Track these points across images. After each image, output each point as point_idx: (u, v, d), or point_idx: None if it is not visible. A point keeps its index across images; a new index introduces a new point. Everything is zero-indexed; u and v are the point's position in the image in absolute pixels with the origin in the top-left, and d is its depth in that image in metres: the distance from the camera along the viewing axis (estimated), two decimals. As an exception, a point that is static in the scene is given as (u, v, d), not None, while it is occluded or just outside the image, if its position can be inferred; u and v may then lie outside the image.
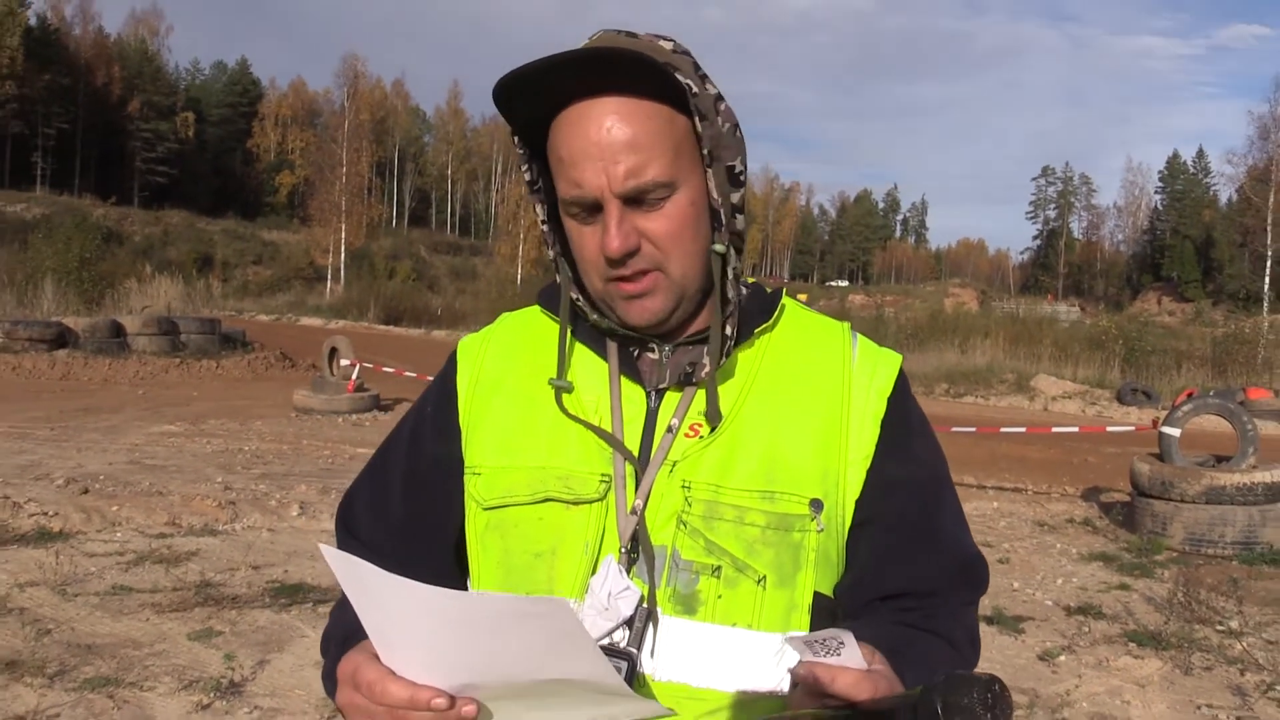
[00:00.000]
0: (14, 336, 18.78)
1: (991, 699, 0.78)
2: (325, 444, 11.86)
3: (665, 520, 1.14)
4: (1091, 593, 7.01)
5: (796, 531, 1.15)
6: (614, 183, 1.10)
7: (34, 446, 10.50)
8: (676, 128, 1.13)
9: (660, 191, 1.12)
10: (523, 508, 1.19)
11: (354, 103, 62.65)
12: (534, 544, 1.17)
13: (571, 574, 1.15)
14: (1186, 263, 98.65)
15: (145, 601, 5.82)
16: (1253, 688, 5.25)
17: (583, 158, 1.10)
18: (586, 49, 1.09)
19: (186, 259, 52.78)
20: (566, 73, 1.09)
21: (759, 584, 1.13)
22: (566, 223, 1.18)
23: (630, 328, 1.19)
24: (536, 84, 1.10)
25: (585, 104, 1.11)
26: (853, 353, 1.25)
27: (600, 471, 1.17)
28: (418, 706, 0.96)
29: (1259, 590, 7.07)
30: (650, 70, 1.08)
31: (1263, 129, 48.52)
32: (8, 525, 7.15)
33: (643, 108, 1.11)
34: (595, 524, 1.16)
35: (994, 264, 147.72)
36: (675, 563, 1.13)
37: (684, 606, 1.12)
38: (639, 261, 1.13)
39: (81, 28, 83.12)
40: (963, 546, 1.25)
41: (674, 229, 1.14)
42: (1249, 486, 8.22)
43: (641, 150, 1.10)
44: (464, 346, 1.34)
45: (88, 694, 4.48)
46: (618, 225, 1.11)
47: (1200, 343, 28.70)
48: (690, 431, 1.18)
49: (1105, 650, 5.80)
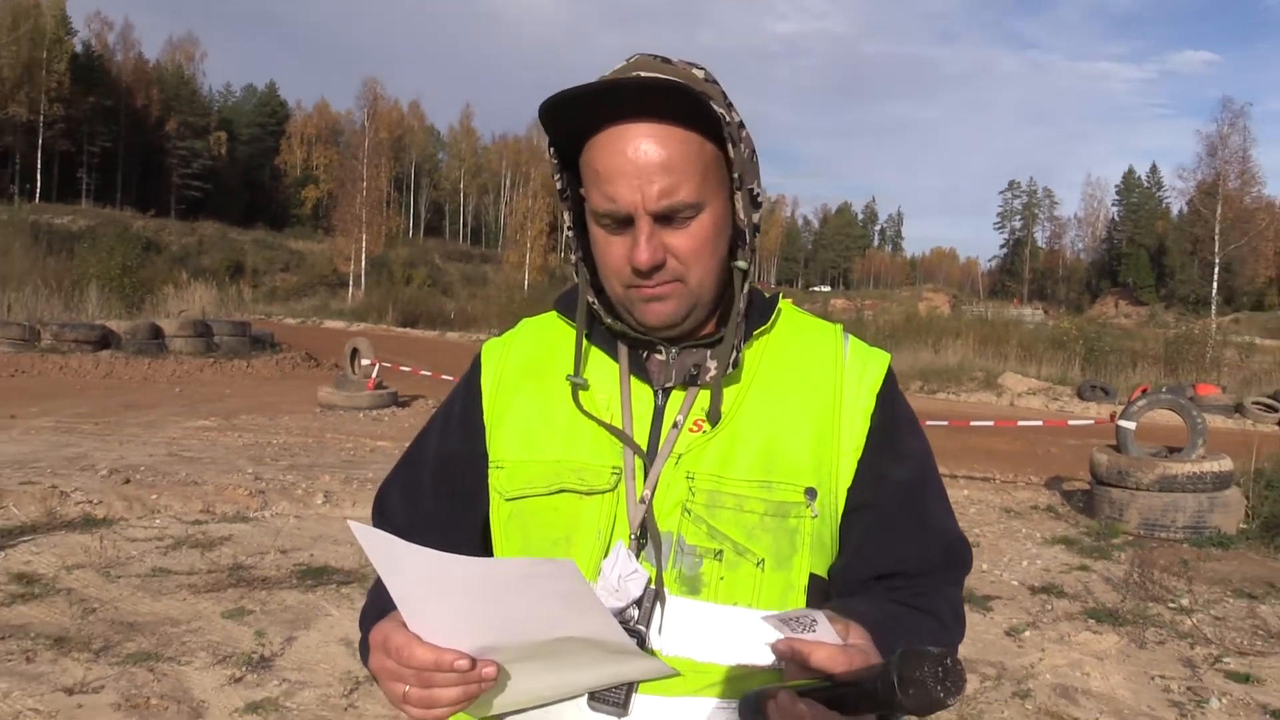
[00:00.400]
0: (61, 338, 18.77)
1: (943, 672, 0.79)
2: (347, 437, 11.84)
3: (671, 508, 1.16)
4: (1054, 573, 7.01)
5: (792, 518, 1.16)
6: (647, 201, 1.11)
7: (80, 440, 10.49)
8: (705, 153, 1.15)
9: (688, 211, 1.14)
10: (541, 498, 1.20)
11: (374, 122, 62.55)
12: (551, 531, 1.19)
13: (585, 558, 1.16)
14: (1141, 269, 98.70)
15: (182, 583, 5.82)
16: (1201, 660, 5.25)
17: (619, 175, 1.11)
18: (632, 79, 1.10)
19: (219, 267, 52.68)
20: (609, 97, 1.11)
21: (758, 566, 1.14)
22: (594, 231, 1.18)
23: (645, 329, 1.20)
24: (579, 107, 1.11)
25: (624, 126, 1.12)
26: (844, 352, 1.26)
27: (611, 464, 1.18)
28: (442, 668, 0.99)
29: (1207, 571, 7.07)
30: (687, 99, 1.10)
31: (1210, 147, 48.40)
32: (56, 512, 7.15)
33: (676, 133, 1.12)
34: (607, 512, 1.17)
35: (964, 271, 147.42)
36: (681, 547, 1.14)
37: (689, 587, 1.13)
38: (663, 274, 1.15)
39: (123, 54, 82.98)
40: (948, 530, 1.26)
41: (697, 246, 1.16)
42: (1198, 475, 8.23)
43: (674, 172, 1.12)
44: (487, 350, 1.36)
45: (130, 668, 4.48)
46: (648, 240, 1.13)
47: (1153, 343, 28.66)
48: (694, 427, 1.19)
49: (1067, 626, 5.80)
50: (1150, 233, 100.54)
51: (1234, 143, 48.15)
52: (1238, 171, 48.57)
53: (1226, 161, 47.65)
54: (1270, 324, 58.47)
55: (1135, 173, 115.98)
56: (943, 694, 0.78)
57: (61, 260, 29.84)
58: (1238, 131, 48.35)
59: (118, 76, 79.34)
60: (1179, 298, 70.10)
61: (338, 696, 4.32)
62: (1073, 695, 4.75)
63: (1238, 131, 48.35)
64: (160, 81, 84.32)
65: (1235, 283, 66.86)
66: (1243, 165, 48.82)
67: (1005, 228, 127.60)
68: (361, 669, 4.61)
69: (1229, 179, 47.45)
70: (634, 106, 1.11)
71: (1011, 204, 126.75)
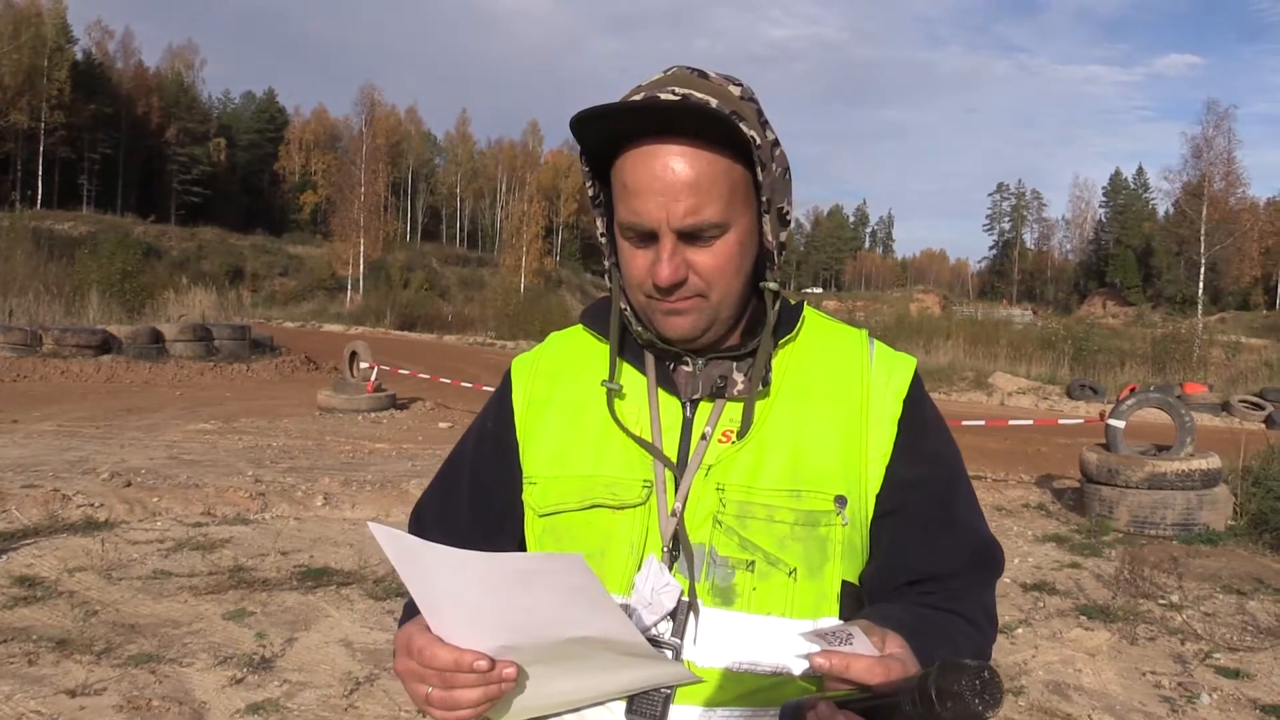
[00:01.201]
0: (63, 343, 18.70)
1: (981, 685, 0.78)
2: (347, 440, 11.81)
3: (702, 520, 1.15)
4: (1046, 571, 7.01)
5: (823, 526, 1.15)
6: (672, 219, 1.11)
7: (81, 443, 10.45)
8: (734, 174, 1.14)
9: (713, 231, 1.13)
10: (574, 514, 1.20)
11: (371, 128, 62.49)
12: (584, 546, 1.17)
13: (619, 572, 1.15)
14: (1128, 270, 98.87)
15: (183, 585, 5.79)
16: (1192, 656, 5.25)
17: (646, 191, 1.11)
18: (661, 102, 1.09)
19: (219, 271, 52.54)
20: (640, 114, 1.10)
21: (790, 576, 1.13)
22: (620, 241, 1.18)
23: (665, 340, 1.20)
24: (611, 120, 1.11)
25: (655, 145, 1.11)
26: (870, 358, 1.25)
27: (642, 478, 1.18)
28: (462, 668, 0.99)
29: (1197, 567, 7.07)
30: (719, 122, 1.09)
31: (1195, 149, 48.50)
32: (58, 515, 7.12)
33: (705, 154, 1.11)
34: (639, 526, 1.16)
35: (954, 272, 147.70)
36: (713, 559, 1.14)
37: (722, 599, 1.13)
38: (684, 290, 1.15)
39: (123, 62, 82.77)
40: (978, 533, 1.25)
41: (720, 265, 1.15)
42: (1187, 473, 8.23)
43: (700, 193, 1.11)
44: (517, 366, 1.35)
45: (131, 669, 4.46)
46: (669, 257, 1.12)
47: (1141, 342, 28.79)
48: (723, 438, 1.18)
49: (1059, 623, 5.80)
50: (1137, 234, 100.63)
51: (1219, 145, 48.27)
52: (1223, 173, 48.68)
53: (1212, 163, 47.76)
54: (1255, 323, 58.66)
55: (1122, 174, 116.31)
56: (981, 707, 0.77)
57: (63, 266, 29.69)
58: (1222, 134, 48.48)
59: (118, 84, 79.11)
60: (1166, 298, 70.27)
61: (338, 697, 4.30)
62: (1065, 692, 4.74)
63: (1222, 134, 48.48)
64: (160, 89, 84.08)
65: (1221, 283, 67.00)
66: (1228, 167, 48.94)
67: (994, 229, 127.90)
68: (362, 670, 4.60)
69: (1214, 180, 47.56)
70: (665, 124, 1.10)
71: (1000, 206, 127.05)
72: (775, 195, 1.17)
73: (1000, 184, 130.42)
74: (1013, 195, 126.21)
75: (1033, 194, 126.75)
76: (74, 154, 73.54)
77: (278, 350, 23.36)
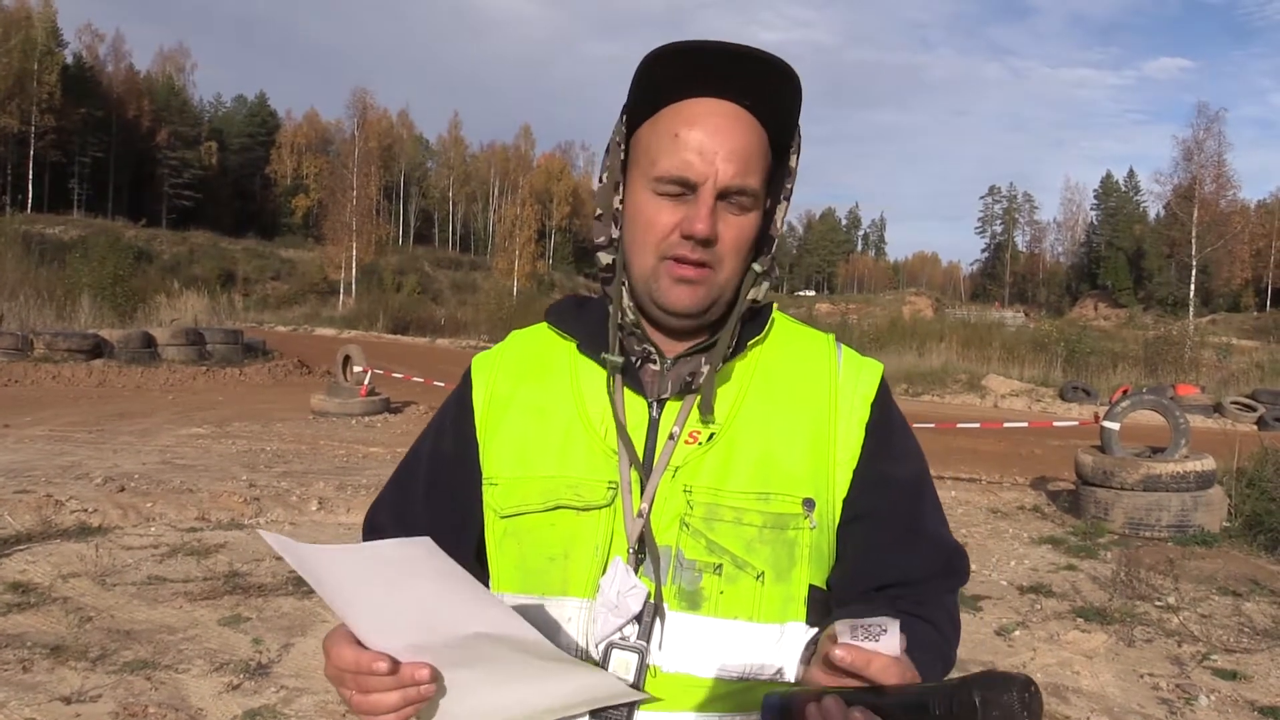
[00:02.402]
0: (54, 347, 18.63)
1: (1029, 698, 0.76)
2: (340, 444, 11.78)
3: (669, 522, 1.13)
4: (1042, 573, 7.02)
5: (791, 529, 1.13)
6: (721, 176, 1.11)
7: (74, 448, 10.40)
8: (767, 157, 1.16)
9: (747, 200, 1.13)
10: (537, 515, 1.17)
11: (363, 132, 62.51)
12: (548, 548, 1.16)
13: (584, 575, 1.13)
14: (1120, 272, 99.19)
15: (178, 590, 5.76)
16: (1189, 657, 5.26)
17: (700, 144, 1.11)
18: (753, 49, 1.09)
19: (211, 275, 52.42)
20: (710, 65, 1.10)
21: (758, 579, 1.12)
22: (639, 196, 1.16)
23: (665, 309, 1.17)
24: (681, 66, 1.10)
25: (713, 101, 1.12)
26: (838, 362, 1.24)
27: (608, 479, 1.15)
28: (362, 670, 0.98)
29: (1193, 569, 7.08)
30: (778, 95, 1.11)
31: (1186, 151, 48.79)
32: (51, 521, 7.08)
33: (756, 127, 1.13)
34: (604, 528, 1.14)
35: (946, 275, 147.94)
36: (680, 562, 1.12)
37: (689, 602, 1.11)
38: (707, 253, 1.13)
39: (114, 65, 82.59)
40: (944, 540, 1.24)
41: (740, 239, 1.15)
42: (1182, 475, 8.25)
43: (748, 160, 1.12)
44: (478, 364, 1.31)
45: (127, 676, 4.44)
46: (710, 212, 1.11)
47: (1133, 344, 28.83)
48: (690, 439, 1.16)
49: (1056, 625, 5.80)
50: (1128, 236, 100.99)
51: (1209, 148, 48.60)
52: (1213, 176, 48.98)
53: (1202, 166, 48.09)
54: (1246, 325, 58.85)
55: (1113, 177, 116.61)
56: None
57: (54, 270, 29.60)
58: (1213, 137, 48.82)
59: (109, 87, 78.95)
60: (1157, 300, 70.44)
61: (336, 703, 4.27)
62: (1064, 694, 4.75)
63: (1213, 137, 48.82)
64: (151, 92, 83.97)
65: (1212, 285, 67.23)
66: (1218, 169, 49.24)
67: (986, 232, 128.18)
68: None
69: (1205, 183, 47.86)
70: (726, 85, 1.11)
71: (992, 209, 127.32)
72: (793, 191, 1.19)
73: (992, 187, 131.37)
74: (1004, 198, 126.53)
75: (1024, 197, 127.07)
76: (64, 158, 73.39)
77: (270, 354, 23.32)
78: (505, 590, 1.19)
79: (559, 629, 1.13)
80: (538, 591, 1.15)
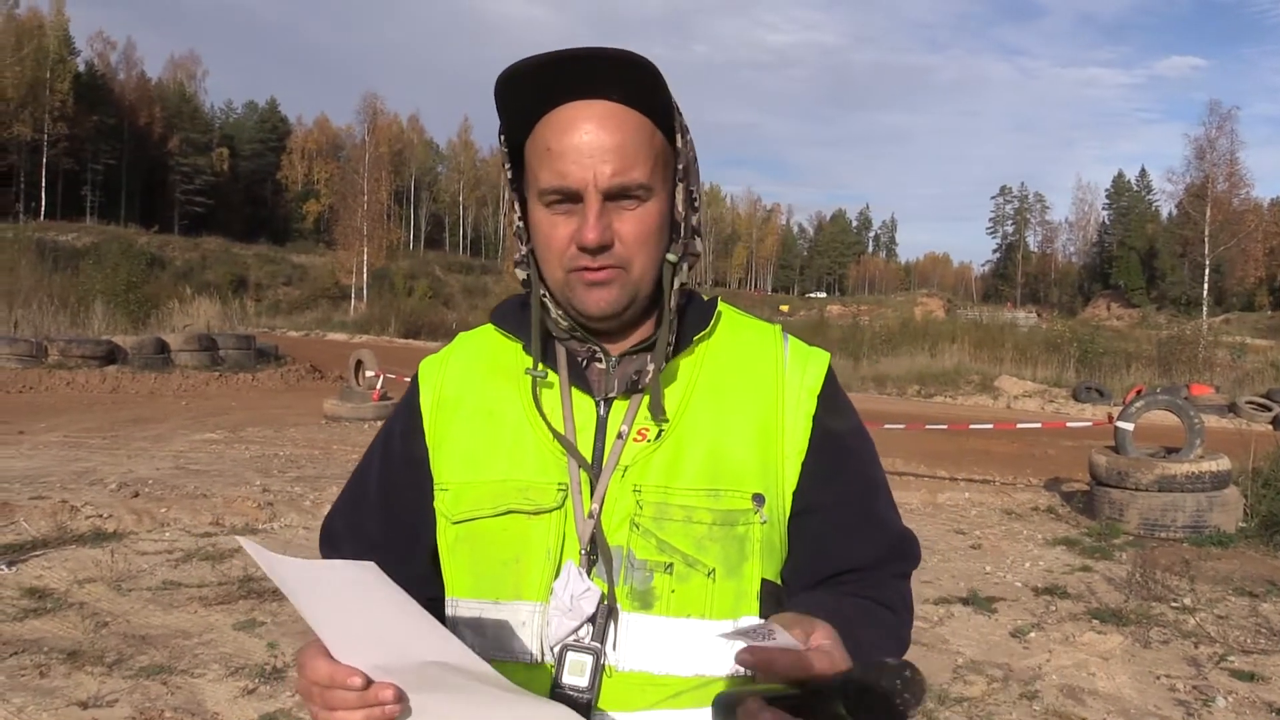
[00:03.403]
0: (68, 354, 18.73)
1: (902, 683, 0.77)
2: (353, 449, 11.81)
3: (619, 523, 1.13)
4: (1057, 574, 6.99)
5: (741, 525, 1.13)
6: (600, 179, 1.09)
7: (88, 454, 10.45)
8: (656, 141, 1.13)
9: (639, 193, 1.11)
10: (488, 520, 1.16)
11: (374, 137, 62.63)
12: (500, 553, 1.15)
13: (536, 578, 1.13)
14: (1132, 272, 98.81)
15: (193, 595, 5.79)
16: (1206, 659, 5.23)
17: (573, 151, 1.09)
18: (603, 50, 1.07)
19: (223, 281, 52.67)
20: (565, 72, 1.08)
21: (709, 577, 1.12)
22: (537, 214, 1.15)
23: (584, 317, 1.16)
24: (536, 81, 1.09)
25: (580, 104, 1.10)
26: (784, 354, 1.23)
27: (557, 480, 1.15)
28: (337, 683, 0.97)
29: (1209, 570, 7.05)
30: (643, 83, 1.09)
31: (1198, 150, 48.50)
32: (67, 527, 7.11)
33: (632, 115, 1.11)
34: (555, 531, 1.13)
35: (958, 275, 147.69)
36: (631, 562, 1.11)
37: (641, 602, 1.11)
38: (607, 258, 1.12)
39: (125, 73, 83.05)
40: (894, 527, 1.24)
41: (642, 233, 1.13)
42: (1197, 475, 8.21)
43: (628, 154, 1.10)
44: (424, 368, 1.30)
45: (143, 681, 4.46)
46: (597, 218, 1.10)
47: (1146, 344, 28.69)
48: (639, 436, 1.16)
49: (1071, 627, 5.78)
50: (1141, 236, 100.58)
51: (1222, 146, 48.27)
52: (1226, 174, 48.67)
53: (1215, 164, 47.77)
54: (1260, 324, 58.58)
55: (1125, 176, 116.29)
56: (902, 706, 0.77)
57: (67, 277, 29.82)
58: (1225, 135, 48.47)
59: (120, 95, 79.39)
60: (1170, 299, 70.10)
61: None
62: (1080, 696, 4.73)
63: (1225, 135, 48.47)
64: (162, 99, 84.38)
65: (1225, 284, 66.92)
66: (1231, 168, 48.92)
67: (998, 232, 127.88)
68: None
69: (1217, 182, 47.56)
70: (590, 87, 1.09)
71: (1003, 209, 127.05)
72: (689, 170, 1.17)
73: (1003, 187, 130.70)
74: (1015, 198, 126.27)
75: (1035, 197, 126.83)
76: (77, 165, 73.78)
77: (282, 359, 23.39)
78: (459, 595, 1.19)
79: (513, 633, 1.12)
80: (491, 596, 1.15)
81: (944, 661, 5.15)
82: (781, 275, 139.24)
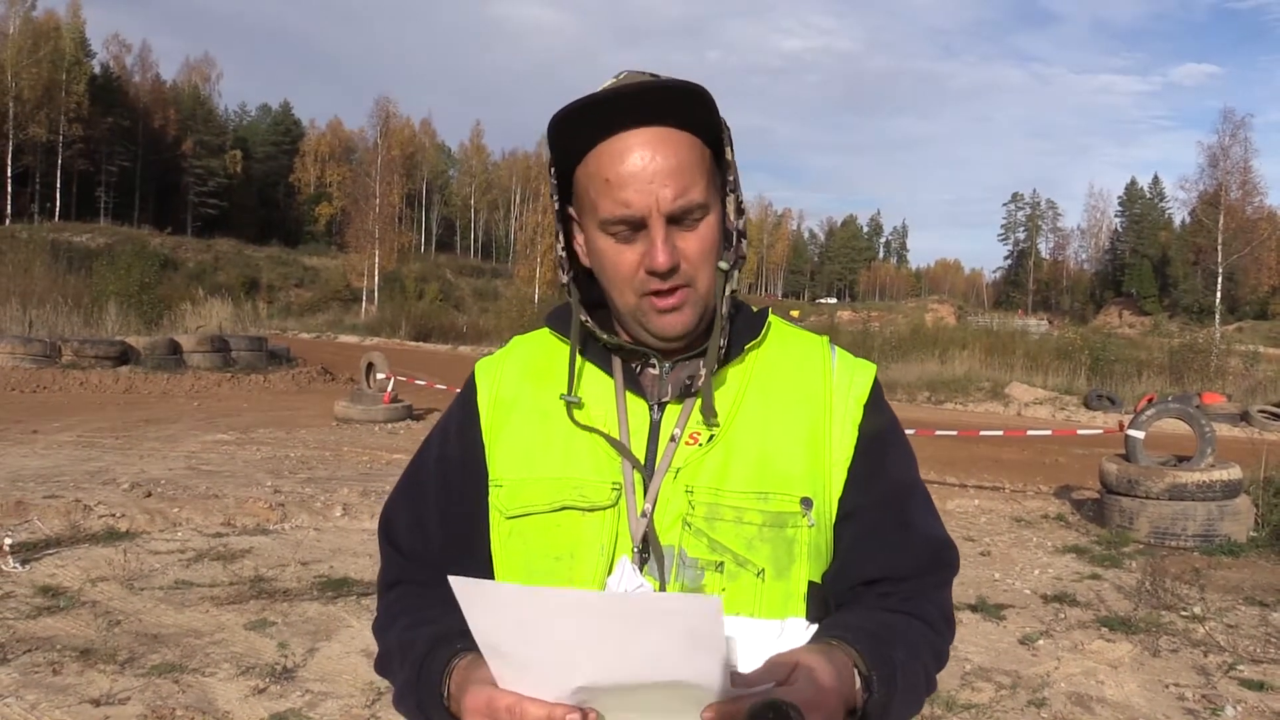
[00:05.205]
0: (81, 354, 18.84)
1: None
2: (364, 450, 11.85)
3: (672, 522, 1.16)
4: (1066, 582, 6.98)
5: (790, 528, 1.16)
6: (662, 203, 1.12)
7: (101, 454, 10.52)
8: (705, 157, 1.17)
9: (698, 213, 1.15)
10: (542, 516, 1.19)
11: (386, 140, 62.79)
12: (553, 549, 1.18)
13: (589, 574, 1.16)
14: (1145, 279, 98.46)
15: (205, 595, 5.82)
16: (1215, 668, 5.22)
17: (632, 179, 1.12)
18: (648, 83, 1.11)
19: (235, 283, 52.89)
20: (621, 105, 1.11)
21: (758, 576, 1.15)
22: (600, 242, 1.17)
23: (660, 339, 1.19)
24: (590, 116, 1.12)
25: (632, 133, 1.13)
26: (833, 364, 1.27)
27: (611, 480, 1.18)
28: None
29: (1219, 579, 7.03)
30: (691, 105, 1.12)
31: (1212, 158, 48.29)
32: (80, 526, 7.16)
33: (684, 137, 1.14)
34: (609, 528, 1.17)
35: (969, 282, 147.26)
36: (682, 560, 1.15)
37: None
38: (677, 278, 1.15)
39: (140, 75, 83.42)
40: (934, 534, 1.26)
41: (705, 248, 1.16)
42: (1208, 484, 8.18)
43: (684, 175, 1.13)
44: (481, 368, 1.34)
45: (155, 679, 4.48)
46: (664, 242, 1.13)
47: (1158, 352, 28.55)
48: (690, 440, 1.19)
49: (1080, 635, 5.77)
50: (1153, 243, 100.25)
51: (1235, 154, 48.05)
52: (1239, 182, 48.46)
53: (1228, 172, 47.53)
54: (1274, 332, 58.30)
55: (1138, 184, 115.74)
56: None
57: (81, 278, 29.93)
58: (1239, 142, 48.24)
59: (135, 97, 79.74)
60: (1183, 307, 69.85)
61: (360, 707, 4.31)
62: (1088, 704, 4.72)
63: (1239, 142, 48.24)
64: (177, 102, 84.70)
65: (1238, 292, 66.70)
66: (1244, 176, 48.72)
67: (1009, 239, 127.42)
68: (384, 680, 4.60)
69: (1231, 189, 47.34)
70: (638, 115, 1.12)
71: (1015, 216, 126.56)
72: (738, 177, 1.20)
73: (1015, 194, 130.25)
74: (1027, 205, 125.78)
75: (1048, 204, 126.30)
76: (92, 166, 74.11)
77: (294, 361, 23.48)
78: None
79: None
80: None
81: (952, 668, 5.15)
82: (792, 280, 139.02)
